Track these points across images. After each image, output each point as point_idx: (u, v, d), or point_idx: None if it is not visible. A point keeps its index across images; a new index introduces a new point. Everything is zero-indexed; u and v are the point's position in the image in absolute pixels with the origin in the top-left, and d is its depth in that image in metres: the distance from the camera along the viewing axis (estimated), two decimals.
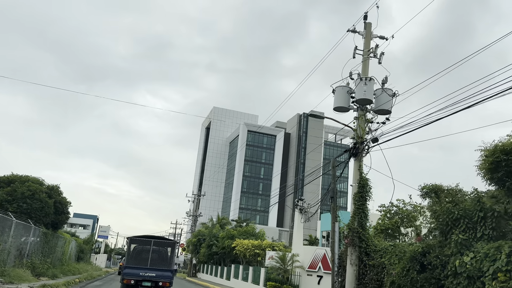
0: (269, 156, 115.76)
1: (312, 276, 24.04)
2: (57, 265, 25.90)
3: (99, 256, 53.17)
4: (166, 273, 16.48)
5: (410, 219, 15.08)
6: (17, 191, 20.90)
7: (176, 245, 21.95)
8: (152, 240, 17.46)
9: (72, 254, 33.15)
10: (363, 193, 14.04)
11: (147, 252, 16.90)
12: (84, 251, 38.30)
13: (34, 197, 21.24)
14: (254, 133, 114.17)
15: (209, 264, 45.80)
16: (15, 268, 17.16)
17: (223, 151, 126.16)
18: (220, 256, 38.97)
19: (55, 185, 23.81)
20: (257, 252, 27.93)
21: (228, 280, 35.13)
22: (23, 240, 19.68)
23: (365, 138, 14.47)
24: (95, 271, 35.14)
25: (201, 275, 49.47)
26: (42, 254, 21.57)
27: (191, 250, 50.83)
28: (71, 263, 29.82)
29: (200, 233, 48.59)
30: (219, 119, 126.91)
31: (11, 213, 19.59)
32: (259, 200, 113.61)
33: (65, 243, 28.42)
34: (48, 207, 21.87)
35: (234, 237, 33.39)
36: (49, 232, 22.17)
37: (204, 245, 44.13)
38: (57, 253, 26.00)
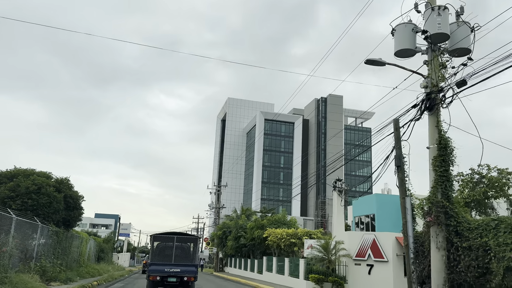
0: (288, 144, 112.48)
1: (361, 266, 20.95)
2: (74, 267, 23.41)
3: (122, 255, 51.04)
4: (190, 268, 16.54)
5: (502, 188, 11.78)
6: (21, 186, 18.30)
7: (199, 240, 21.63)
8: (174, 236, 17.43)
9: (91, 254, 30.81)
10: (445, 156, 10.82)
11: (170, 249, 17.06)
12: (105, 250, 35.95)
13: (40, 191, 18.62)
14: (271, 122, 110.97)
15: (236, 257, 43.10)
16: (20, 274, 14.54)
17: (241, 142, 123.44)
18: (249, 248, 36.18)
19: (64, 178, 21.18)
20: (293, 241, 24.96)
21: (260, 274, 32.29)
22: (30, 241, 17.09)
23: (442, 85, 11.21)
24: (117, 271, 32.75)
25: (229, 269, 46.86)
26: (54, 255, 19.02)
27: (216, 244, 48.23)
28: (90, 264, 27.40)
29: (225, 225, 45.88)
30: (235, 107, 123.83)
31: (13, 211, 17.01)
32: (280, 190, 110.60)
33: (82, 242, 25.95)
34: (57, 202, 19.23)
35: (264, 226, 30.47)
36: (60, 230, 19.59)
37: (230, 237, 41.42)
38: (73, 253, 23.51)
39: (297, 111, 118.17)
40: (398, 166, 12.12)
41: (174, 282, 16.01)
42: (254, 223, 31.31)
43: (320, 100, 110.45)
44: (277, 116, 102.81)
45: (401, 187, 12.05)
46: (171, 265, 16.26)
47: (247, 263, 37.56)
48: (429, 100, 11.22)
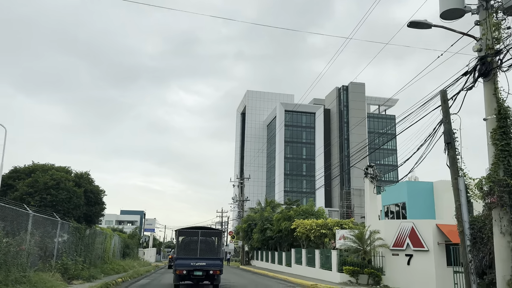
0: (310, 135, 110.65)
1: (399, 256, 19.53)
2: (98, 264, 22.78)
3: (148, 250, 50.79)
4: (215, 262, 16.71)
5: None
6: (39, 182, 17.66)
7: (223, 234, 21.25)
8: (199, 231, 17.65)
9: (116, 250, 30.30)
10: (505, 128, 9.35)
11: (195, 243, 17.26)
12: (130, 246, 35.43)
13: (59, 186, 17.95)
14: (292, 113, 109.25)
15: (263, 250, 42.13)
16: (39, 272, 13.80)
17: (261, 134, 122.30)
18: (275, 240, 35.10)
19: (84, 172, 20.50)
20: (323, 232, 23.70)
21: (289, 267, 31.18)
22: (50, 238, 16.41)
23: (498, 48, 9.71)
24: (143, 267, 32.22)
25: (255, 263, 45.97)
26: (76, 252, 18.33)
27: (242, 237, 47.38)
28: (115, 261, 26.83)
29: (249, 218, 44.95)
30: (255, 100, 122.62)
31: (32, 207, 16.36)
32: (303, 181, 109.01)
33: (106, 238, 25.35)
34: (77, 198, 18.53)
35: (291, 218, 29.27)
36: (82, 226, 18.89)
37: (256, 230, 40.45)
38: (97, 250, 22.88)
39: (317, 101, 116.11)
40: (448, 143, 10.69)
41: (200, 275, 16.28)
42: (281, 215, 30.15)
43: (341, 88, 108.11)
44: (297, 107, 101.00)
45: (453, 166, 10.62)
46: (197, 259, 16.44)
47: (274, 256, 36.51)
48: (484, 64, 9.74)
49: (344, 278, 20.41)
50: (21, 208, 13.68)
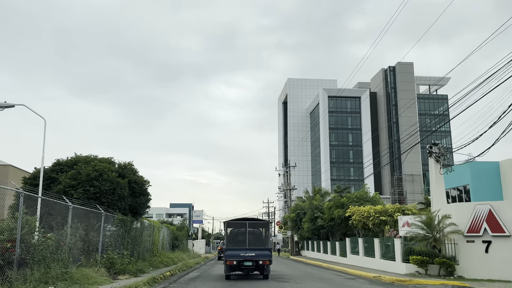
0: (356, 120, 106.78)
1: (475, 243, 17.23)
2: (147, 257, 22.14)
3: (197, 242, 50.58)
4: (264, 252, 16.88)
5: None
6: (82, 173, 16.96)
7: (270, 224, 21.37)
8: (246, 222, 18.03)
9: (165, 242, 29.80)
10: None
11: (243, 234, 17.62)
12: (179, 238, 34.97)
13: (102, 177, 17.20)
14: (336, 98, 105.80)
15: (313, 240, 40.44)
16: (83, 268, 12.99)
17: (304, 123, 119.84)
18: (327, 229, 33.29)
19: (127, 163, 19.71)
20: (383, 219, 21.63)
21: (343, 257, 29.32)
22: (94, 232, 15.67)
23: None
24: (192, 259, 31.58)
25: (306, 253, 44.38)
26: (123, 246, 17.59)
27: (290, 227, 45.90)
28: (164, 253, 26.24)
29: (297, 207, 43.36)
30: (296, 87, 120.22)
31: (75, 200, 15.67)
32: (351, 169, 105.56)
33: (154, 230, 24.72)
34: (121, 189, 17.73)
35: (344, 205, 27.31)
36: (127, 218, 18.12)
37: (305, 219, 38.79)
38: (145, 243, 22.23)
39: (362, 85, 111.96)
40: None
41: (250, 266, 16.63)
42: (333, 202, 28.26)
43: (387, 70, 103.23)
44: (341, 92, 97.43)
45: None
46: (246, 249, 16.82)
47: (327, 246, 34.71)
48: None
49: (411, 269, 18.36)
50: (61, 201, 12.88)
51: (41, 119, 16.54)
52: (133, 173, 19.35)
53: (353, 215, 23.89)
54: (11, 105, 16.36)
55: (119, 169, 18.70)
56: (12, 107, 16.40)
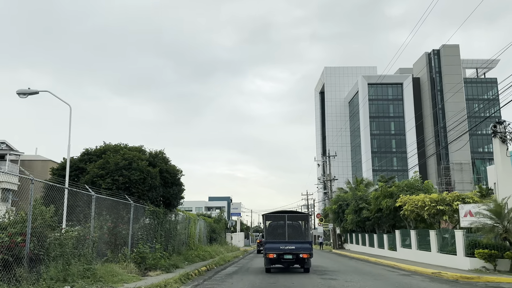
0: (398, 108, 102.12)
1: None
2: (182, 251, 21.04)
3: (236, 235, 49.54)
4: (305, 245, 16.51)
5: None
6: (110, 163, 15.92)
7: (309, 217, 20.13)
8: (285, 215, 17.68)
9: (202, 235, 28.75)
10: None
11: (282, 227, 17.31)
12: (216, 230, 33.85)
13: (131, 167, 16.08)
14: (376, 85, 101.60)
15: (358, 232, 38.21)
16: (109, 264, 11.86)
17: (343, 112, 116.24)
18: (373, 221, 31.01)
19: (158, 151, 18.55)
20: (440, 208, 19.28)
21: (393, 251, 27.07)
22: (124, 224, 14.58)
23: None
24: (230, 252, 30.39)
25: (350, 246, 42.20)
26: (156, 239, 16.46)
27: (332, 219, 43.81)
28: (201, 247, 25.14)
29: (340, 198, 41.16)
30: (333, 76, 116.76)
31: (103, 190, 14.64)
32: (393, 158, 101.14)
33: (189, 223, 23.61)
34: (152, 178, 16.56)
35: (393, 194, 25.02)
36: (160, 210, 16.98)
37: (348, 211, 36.62)
38: (180, 236, 21.13)
39: (403, 70, 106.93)
40: None
41: (290, 259, 16.29)
42: (380, 192, 26.03)
43: (431, 53, 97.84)
44: (381, 79, 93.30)
45: None
46: (286, 242, 16.46)
47: (373, 239, 32.46)
48: None
49: (476, 264, 16.07)
50: (84, 190, 11.78)
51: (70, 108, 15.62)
52: (165, 162, 18.17)
53: (404, 205, 21.64)
54: (35, 92, 15.65)
55: (150, 158, 17.56)
56: (36, 94, 15.65)
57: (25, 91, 15.51)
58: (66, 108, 15.21)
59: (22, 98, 15.53)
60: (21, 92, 15.47)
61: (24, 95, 15.49)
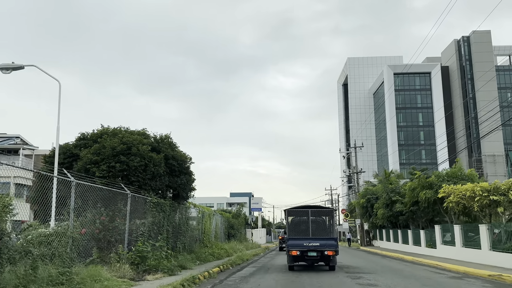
0: (426, 98, 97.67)
1: None
2: (195, 248, 18.78)
3: (256, 231, 47.18)
4: (330, 242, 15.71)
5: None
6: (106, 147, 13.74)
7: (334, 212, 18.82)
8: (308, 210, 16.71)
9: (219, 231, 26.49)
10: None
11: (305, 223, 16.62)
12: (235, 226, 31.40)
13: (130, 152, 13.88)
14: (402, 75, 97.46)
15: (388, 228, 35.25)
16: (95, 266, 9.63)
17: (367, 104, 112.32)
18: (407, 216, 28.08)
19: (164, 135, 16.30)
20: (494, 199, 16.33)
21: (432, 248, 24.13)
22: (121, 218, 12.36)
23: None
24: (250, 250, 28.06)
25: (379, 243, 39.21)
26: (161, 236, 14.23)
27: (359, 214, 40.90)
28: (217, 244, 22.87)
29: (368, 191, 38.24)
30: (357, 67, 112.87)
31: (98, 179, 12.51)
32: (422, 151, 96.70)
33: (203, 217, 21.33)
34: (155, 165, 14.32)
35: (433, 185, 22.07)
36: (165, 202, 14.72)
37: (378, 205, 33.73)
38: (192, 232, 18.86)
39: (431, 60, 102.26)
40: None
41: (314, 256, 15.52)
42: (418, 182, 23.07)
43: (460, 40, 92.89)
44: (408, 68, 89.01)
45: None
46: (310, 239, 15.68)
47: (407, 235, 29.49)
48: None
49: None
50: (62, 176, 9.58)
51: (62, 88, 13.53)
52: (171, 148, 15.89)
53: (449, 195, 18.71)
54: (20, 66, 13.76)
55: (154, 143, 15.32)
56: (22, 69, 13.81)
57: (8, 66, 13.52)
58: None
59: (5, 73, 13.56)
60: (4, 67, 13.50)
61: (7, 70, 13.50)
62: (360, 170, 44.82)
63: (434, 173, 22.56)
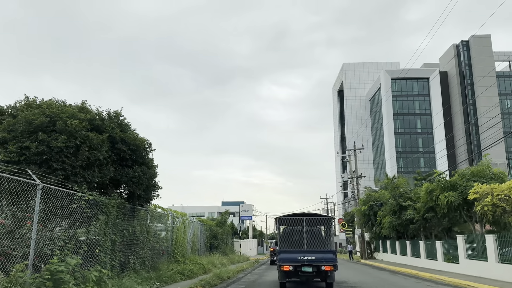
0: (424, 104, 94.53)
1: None
2: (160, 264, 14.55)
3: (246, 242, 42.77)
4: (327, 255, 13.49)
5: None
6: (20, 121, 9.59)
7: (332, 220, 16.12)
8: (303, 218, 14.28)
9: (198, 242, 22.14)
10: None
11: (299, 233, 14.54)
12: (218, 236, 26.69)
13: (55, 128, 9.74)
14: (400, 80, 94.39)
15: (393, 239, 31.18)
16: None
17: (363, 111, 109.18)
18: (419, 224, 24.02)
19: (112, 112, 12.13)
20: None
21: (453, 263, 20.06)
22: (22, 220, 8.17)
23: None
24: (236, 264, 23.76)
25: (382, 256, 35.04)
26: (101, 248, 10.07)
27: (360, 223, 36.76)
28: (193, 257, 18.52)
29: (370, 197, 34.20)
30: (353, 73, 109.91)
31: (5, 165, 8.38)
32: (420, 159, 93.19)
33: (174, 225, 17.07)
34: (93, 149, 10.15)
35: (457, 186, 18.05)
36: (109, 201, 10.58)
37: (382, 213, 29.66)
38: (155, 243, 14.63)
39: (428, 65, 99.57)
40: None
41: (310, 272, 13.50)
42: (437, 183, 18.93)
43: (460, 45, 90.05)
44: (406, 73, 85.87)
45: None
46: (304, 252, 13.61)
47: (418, 247, 25.35)
48: None
49: None
50: None
51: None
52: (120, 128, 11.74)
53: (485, 196, 14.69)
54: None
55: (98, 121, 11.15)
56: None
57: None
58: None
59: None
60: None
61: None
62: (360, 174, 40.81)
63: (457, 172, 18.55)
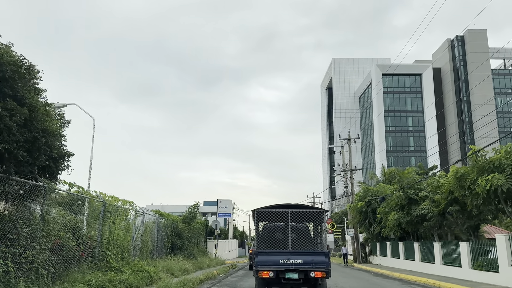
0: (416, 101, 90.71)
1: None
2: (75, 273, 9.26)
3: (224, 242, 37.59)
4: (318, 258, 10.56)
5: None
6: None
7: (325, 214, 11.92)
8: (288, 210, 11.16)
9: (152, 241, 16.73)
10: None
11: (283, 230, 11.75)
12: (183, 235, 20.93)
13: None
14: (392, 76, 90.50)
15: (394, 241, 26.33)
16: None
17: (352, 108, 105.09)
18: (435, 221, 19.14)
19: None
20: None
21: (485, 271, 15.18)
22: None
23: None
24: (204, 270, 18.51)
25: (379, 260, 30.15)
26: None
27: (355, 222, 31.85)
28: (137, 263, 13.15)
29: (368, 192, 29.35)
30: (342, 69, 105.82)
31: None
32: (412, 158, 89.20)
33: (104, 216, 11.72)
34: None
35: (504, 166, 13.05)
36: None
37: (383, 209, 24.79)
38: (67, 241, 9.33)
39: (420, 62, 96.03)
40: None
41: (295, 279, 10.43)
42: (472, 166, 13.73)
43: (454, 40, 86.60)
44: (398, 68, 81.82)
45: None
46: (289, 253, 10.62)
47: (432, 251, 20.38)
48: None
49: None
50: None
51: None
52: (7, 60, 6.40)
53: None
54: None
55: None
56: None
57: None
58: None
59: None
60: None
61: None
62: (355, 167, 36.00)
63: (502, 148, 13.59)
